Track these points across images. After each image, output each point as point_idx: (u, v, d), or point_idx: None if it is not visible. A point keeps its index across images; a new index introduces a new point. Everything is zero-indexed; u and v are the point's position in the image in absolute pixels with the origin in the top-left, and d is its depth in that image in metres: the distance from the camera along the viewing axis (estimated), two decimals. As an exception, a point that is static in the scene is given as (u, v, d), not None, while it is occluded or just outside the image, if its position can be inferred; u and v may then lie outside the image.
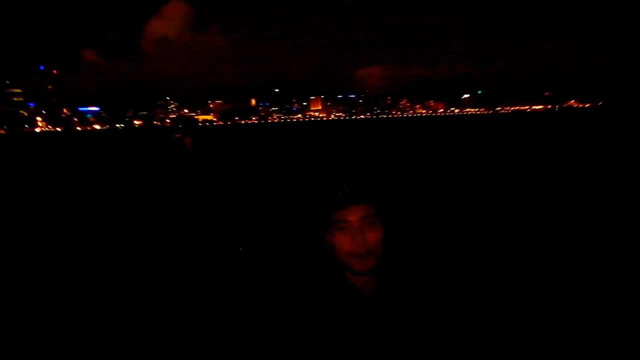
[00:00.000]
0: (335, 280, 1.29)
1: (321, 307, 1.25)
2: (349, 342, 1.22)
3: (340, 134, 44.00)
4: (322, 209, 1.28)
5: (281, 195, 8.88)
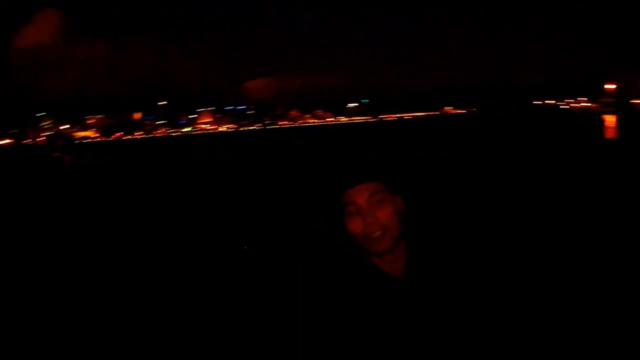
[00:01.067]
0: (357, 266, 1.23)
1: (345, 295, 1.20)
2: (376, 325, 1.17)
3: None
4: (330, 196, 1.21)
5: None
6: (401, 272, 1.25)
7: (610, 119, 47.88)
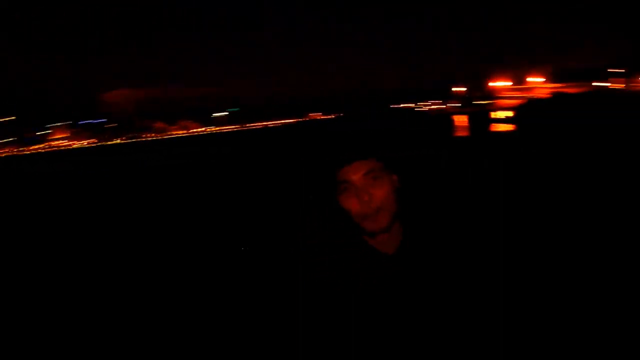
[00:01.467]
0: (351, 245, 1.25)
1: (339, 274, 1.22)
2: (370, 306, 1.20)
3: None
4: (325, 172, 1.22)
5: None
6: (395, 252, 1.26)
7: (460, 119, 52.98)
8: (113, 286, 4.62)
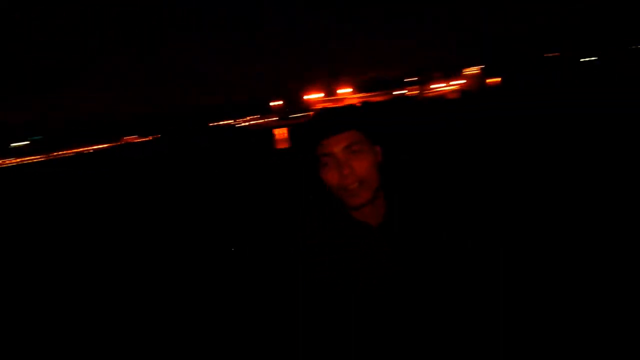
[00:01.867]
0: (334, 219, 1.24)
1: (325, 250, 1.21)
2: (357, 280, 1.18)
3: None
4: (306, 146, 1.20)
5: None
6: (380, 223, 1.23)
7: (280, 132, 54.10)
8: (111, 286, 4.71)
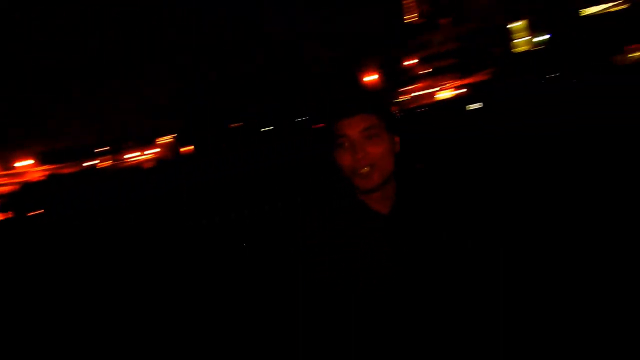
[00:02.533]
0: (345, 201, 1.23)
1: (333, 234, 1.19)
2: (357, 279, 1.16)
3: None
4: (325, 125, 1.20)
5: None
6: (389, 212, 1.22)
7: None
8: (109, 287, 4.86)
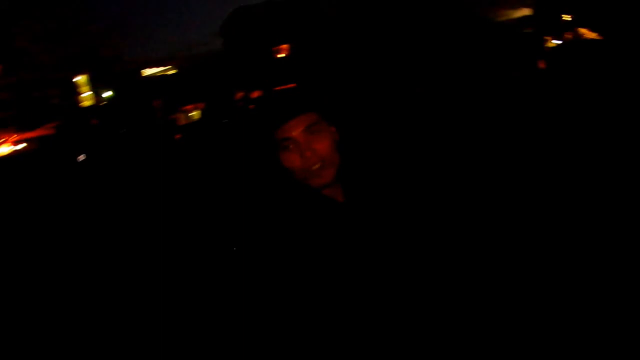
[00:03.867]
0: (299, 195, 1.22)
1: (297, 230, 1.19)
2: (330, 254, 1.16)
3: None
4: (264, 132, 1.19)
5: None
6: (345, 200, 1.25)
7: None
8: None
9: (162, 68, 38.10)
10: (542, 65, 14.09)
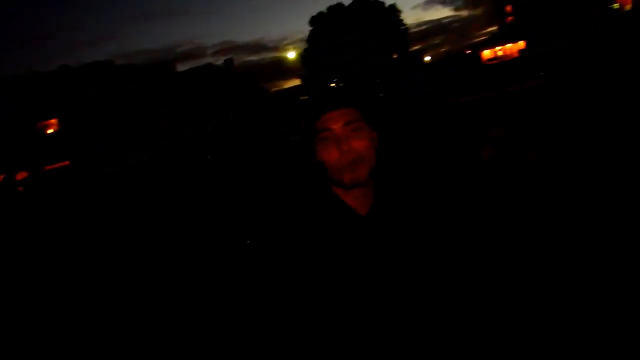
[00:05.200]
0: (321, 199, 1.19)
1: (312, 230, 1.14)
2: (345, 268, 1.11)
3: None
4: (305, 120, 1.19)
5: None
6: (368, 211, 1.18)
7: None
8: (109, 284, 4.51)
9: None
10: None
